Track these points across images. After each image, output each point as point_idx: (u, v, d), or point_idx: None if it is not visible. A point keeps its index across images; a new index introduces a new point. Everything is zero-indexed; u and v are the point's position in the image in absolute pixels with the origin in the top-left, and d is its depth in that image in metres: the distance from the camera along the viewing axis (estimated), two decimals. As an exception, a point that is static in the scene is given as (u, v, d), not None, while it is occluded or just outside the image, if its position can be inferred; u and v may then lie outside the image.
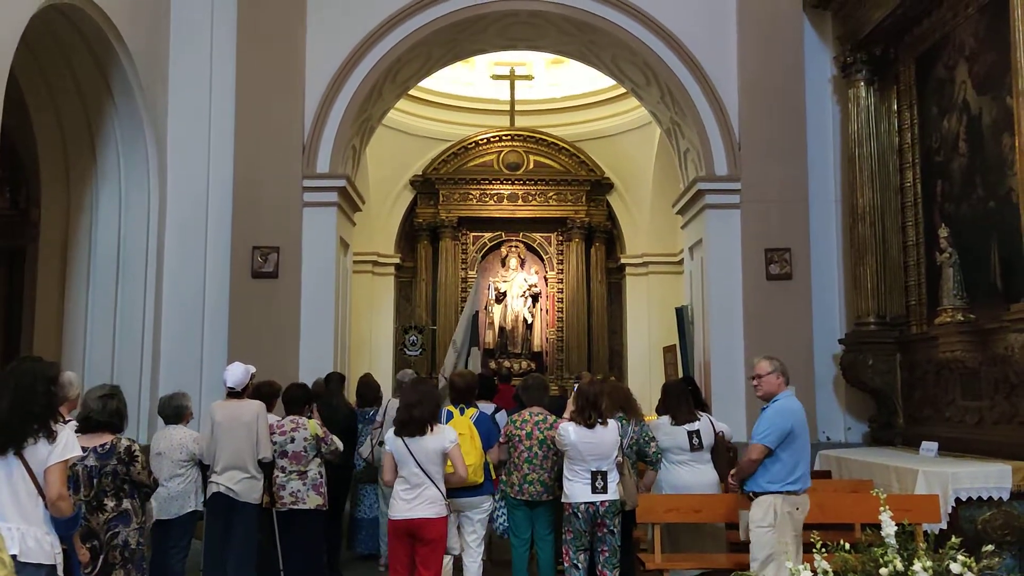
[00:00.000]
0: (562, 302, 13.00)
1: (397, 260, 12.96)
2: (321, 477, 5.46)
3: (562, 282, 13.03)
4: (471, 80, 13.00)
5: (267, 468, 5.17)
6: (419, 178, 12.81)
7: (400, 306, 13.10)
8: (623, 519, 5.11)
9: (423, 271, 12.95)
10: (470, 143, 12.69)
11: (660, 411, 6.28)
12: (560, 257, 13.09)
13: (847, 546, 2.89)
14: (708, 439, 5.59)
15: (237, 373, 5.19)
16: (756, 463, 4.51)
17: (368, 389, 7.32)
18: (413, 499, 4.51)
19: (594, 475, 4.91)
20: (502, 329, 12.87)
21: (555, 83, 13.09)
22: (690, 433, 5.57)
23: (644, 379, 12.03)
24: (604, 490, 4.90)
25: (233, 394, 5.18)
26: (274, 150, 8.07)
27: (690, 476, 5.49)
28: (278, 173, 8.05)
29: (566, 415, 5.10)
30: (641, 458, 5.45)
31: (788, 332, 8.01)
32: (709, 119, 8.32)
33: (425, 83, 12.45)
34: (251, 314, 7.90)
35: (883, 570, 2.74)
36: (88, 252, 7.60)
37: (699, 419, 5.66)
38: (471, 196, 12.80)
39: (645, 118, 12.17)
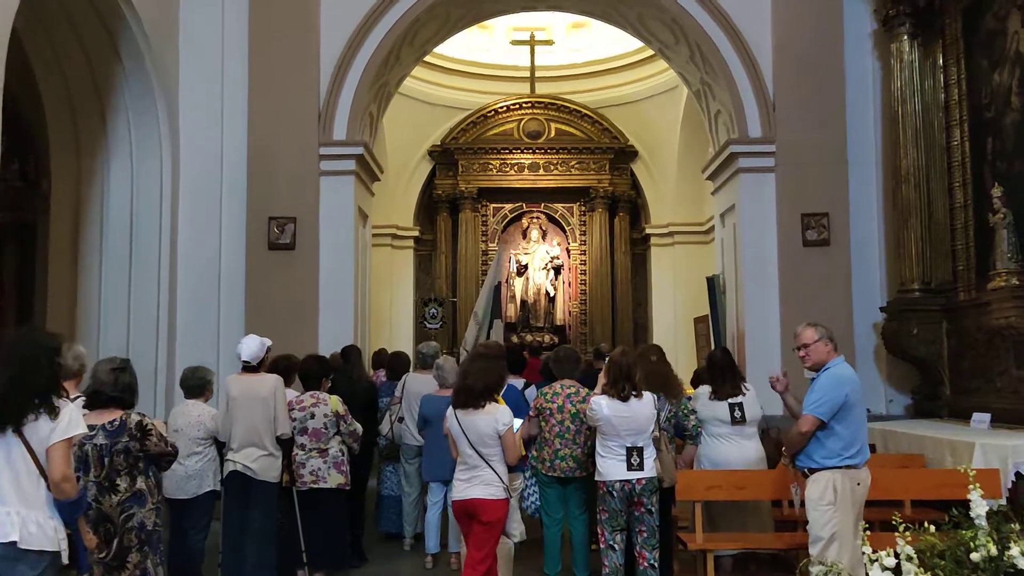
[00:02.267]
0: (585, 274, 12.69)
1: (416, 233, 12.67)
2: (343, 455, 5.21)
3: (585, 254, 12.70)
4: (490, 46, 12.61)
5: (286, 445, 4.92)
6: (437, 148, 12.48)
7: (420, 280, 12.83)
8: (661, 497, 4.83)
9: (443, 244, 12.66)
10: (489, 111, 12.34)
11: (697, 382, 6.00)
12: (583, 228, 12.75)
13: (931, 527, 2.59)
14: (752, 413, 5.28)
15: (252, 346, 4.93)
16: (806, 436, 4.20)
17: (399, 363, 7.08)
18: (468, 479, 4.26)
19: (629, 451, 4.62)
20: (524, 302, 12.58)
21: (576, 48, 12.68)
22: (732, 405, 5.27)
23: (670, 352, 11.65)
24: (640, 467, 4.61)
25: (248, 368, 4.92)
26: (289, 117, 7.78)
27: (732, 451, 5.19)
28: (294, 141, 7.76)
29: (598, 388, 4.82)
30: (679, 432, 5.16)
31: (826, 301, 7.66)
32: (742, 78, 7.93)
33: (443, 50, 12.16)
34: (268, 287, 7.65)
35: (974, 555, 2.44)
36: (100, 224, 7.35)
37: (744, 393, 5.35)
38: (491, 166, 12.47)
39: (670, 82, 11.80)
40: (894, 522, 2.65)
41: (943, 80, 7.22)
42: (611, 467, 4.64)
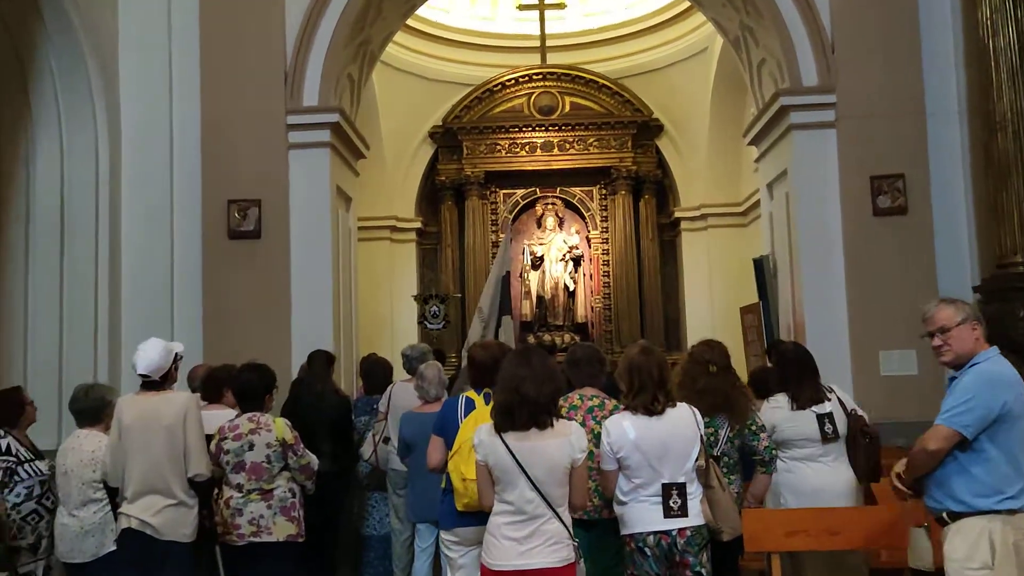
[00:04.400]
0: (608, 265, 11.32)
1: (418, 224, 11.39)
2: (293, 496, 3.90)
3: (607, 242, 11.33)
4: (493, 14, 11.32)
5: (202, 489, 3.62)
6: (439, 129, 11.19)
7: (424, 276, 11.54)
8: (717, 554, 3.48)
9: (448, 236, 11.36)
10: (495, 85, 11.02)
11: (759, 386, 4.64)
12: (604, 213, 11.39)
13: None
14: (843, 425, 3.94)
15: (151, 354, 3.64)
16: (935, 456, 2.87)
17: (376, 370, 5.77)
18: (527, 538, 2.97)
19: (666, 490, 3.28)
20: (540, 298, 11.24)
21: (591, 12, 11.36)
22: (820, 417, 3.93)
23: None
24: (682, 512, 3.26)
25: (149, 385, 3.63)
26: (250, 80, 6.54)
27: (825, 477, 3.86)
28: (256, 108, 6.52)
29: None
30: (748, 457, 3.80)
31: (905, 281, 6.33)
32: (792, 16, 6.57)
33: (443, 19, 10.95)
34: (229, 283, 6.42)
35: None
36: (25, 213, 6.13)
37: (828, 398, 4.01)
38: (499, 147, 11.15)
39: (698, 44, 10.46)
40: None
41: (1047, 2, 5.83)
42: (641, 514, 3.30)
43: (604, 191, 11.39)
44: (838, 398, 4.08)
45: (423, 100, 11.02)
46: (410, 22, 10.61)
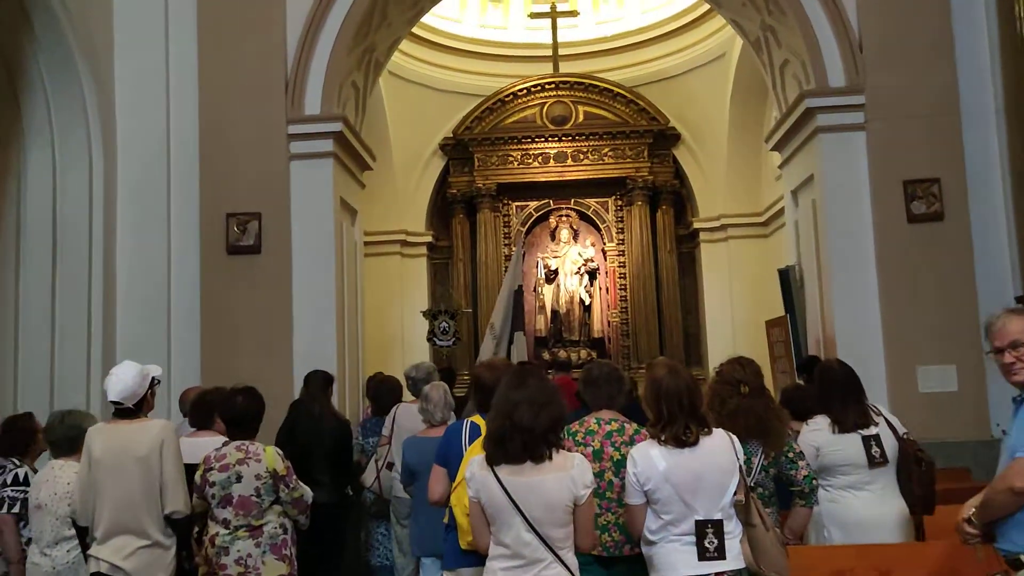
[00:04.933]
0: (625, 278, 10.95)
1: (429, 238, 11.08)
2: (285, 532, 3.57)
3: (624, 255, 10.97)
4: (505, 23, 11.06)
5: (181, 528, 3.30)
6: (450, 141, 10.91)
7: (436, 292, 11.23)
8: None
9: (460, 250, 11.04)
10: (507, 95, 10.73)
11: (793, 407, 4.27)
12: (620, 225, 11.04)
13: None
14: (893, 449, 3.57)
15: (124, 379, 3.32)
16: (1020, 498, 2.49)
17: (385, 391, 5.46)
18: None
19: (701, 528, 2.91)
20: (555, 313, 10.89)
21: (604, 20, 11.06)
22: (866, 440, 3.56)
23: (730, 366, 9.91)
24: (719, 553, 2.88)
25: (122, 412, 3.32)
26: (249, 89, 6.29)
27: (873, 507, 3.48)
28: (256, 118, 6.27)
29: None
30: (784, 488, 3.43)
31: (942, 291, 5.98)
32: (817, 13, 6.26)
33: (452, 28, 10.70)
34: (228, 301, 6.15)
35: None
36: (15, 228, 5.89)
37: (875, 421, 3.64)
38: (511, 158, 10.84)
39: (715, 50, 10.14)
40: None
41: (1091, -7, 5.48)
42: (672, 556, 2.92)
43: (620, 202, 11.05)
44: (887, 420, 3.71)
45: (433, 111, 10.76)
46: (419, 32, 10.41)
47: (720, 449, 3.00)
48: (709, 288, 10.81)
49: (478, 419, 3.38)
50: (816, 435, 3.64)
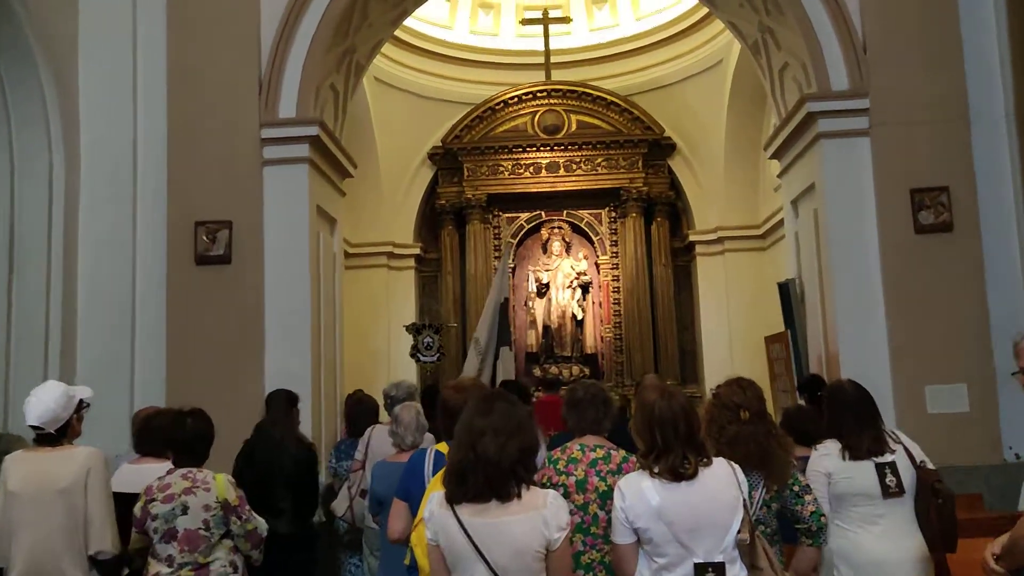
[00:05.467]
0: (618, 292, 10.62)
1: (417, 251, 10.75)
2: (235, 570, 3.21)
3: (617, 268, 10.64)
4: (496, 29, 10.77)
5: (107, 570, 2.94)
6: (439, 150, 10.60)
7: (425, 305, 10.88)
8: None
9: (448, 262, 10.71)
10: (498, 104, 10.43)
11: (796, 431, 3.92)
12: (614, 238, 10.72)
13: None
14: (910, 478, 3.23)
15: (45, 400, 2.99)
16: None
17: (360, 411, 5.12)
18: None
19: (700, 572, 2.57)
20: (547, 328, 10.53)
21: (597, 27, 10.78)
22: (880, 467, 3.22)
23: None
24: (720, 600, 2.56)
25: (43, 439, 2.97)
26: (221, 90, 5.97)
27: (887, 543, 3.13)
28: (227, 121, 5.94)
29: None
30: (787, 525, 3.08)
31: (951, 306, 5.67)
32: (819, 13, 5.96)
33: (442, 35, 10.43)
34: (195, 314, 5.79)
35: None
36: (-31, 237, 5.54)
37: (892, 448, 3.30)
38: (502, 168, 10.53)
39: (712, 57, 9.87)
40: None
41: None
42: (668, 604, 2.59)
43: (613, 214, 10.73)
44: (904, 447, 3.36)
45: (421, 120, 10.45)
46: (407, 38, 10.14)
47: (721, 481, 2.67)
48: (705, 303, 10.48)
49: (443, 447, 3.03)
50: (826, 461, 3.29)
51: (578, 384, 3.49)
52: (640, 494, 2.61)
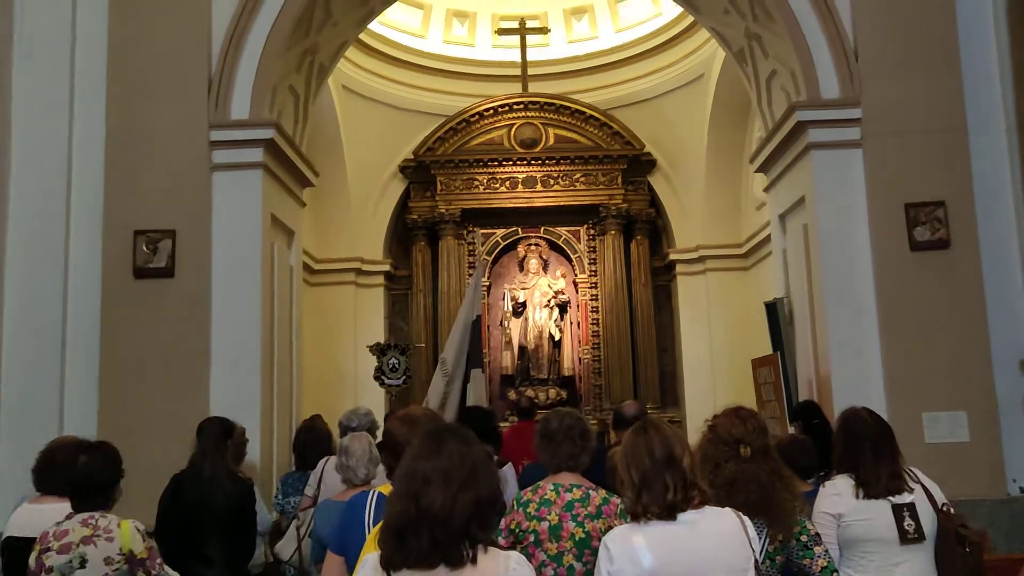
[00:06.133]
0: (597, 312, 10.21)
1: (387, 267, 10.29)
2: (141, 633, 2.72)
3: (596, 287, 10.25)
4: (471, 39, 10.41)
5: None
6: (410, 163, 10.18)
7: (395, 325, 10.42)
8: None
9: (420, 280, 10.26)
10: (472, 115, 10.05)
11: (794, 462, 3.49)
12: (592, 256, 10.33)
13: None
14: (930, 523, 2.83)
15: None
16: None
17: (311, 440, 4.64)
18: None
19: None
20: (523, 349, 10.09)
21: (576, 38, 10.45)
22: (898, 509, 2.82)
23: (707, 411, 9.10)
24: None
25: None
26: (167, 88, 5.51)
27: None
28: (173, 122, 5.48)
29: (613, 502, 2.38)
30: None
31: (950, 327, 5.32)
32: (809, 19, 5.64)
33: (415, 44, 10.06)
34: (133, 332, 5.29)
35: None
36: None
37: (910, 485, 2.91)
38: (476, 182, 10.12)
39: (693, 71, 9.57)
40: None
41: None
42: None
43: (592, 231, 10.35)
44: (924, 487, 2.96)
45: (393, 131, 10.03)
46: (379, 46, 9.75)
47: (727, 536, 2.23)
48: (686, 324, 10.10)
49: (387, 488, 2.58)
50: (836, 501, 2.88)
51: (552, 413, 3.06)
52: (630, 554, 2.16)
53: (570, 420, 2.97)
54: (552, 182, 10.14)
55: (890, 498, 2.82)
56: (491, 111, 10.09)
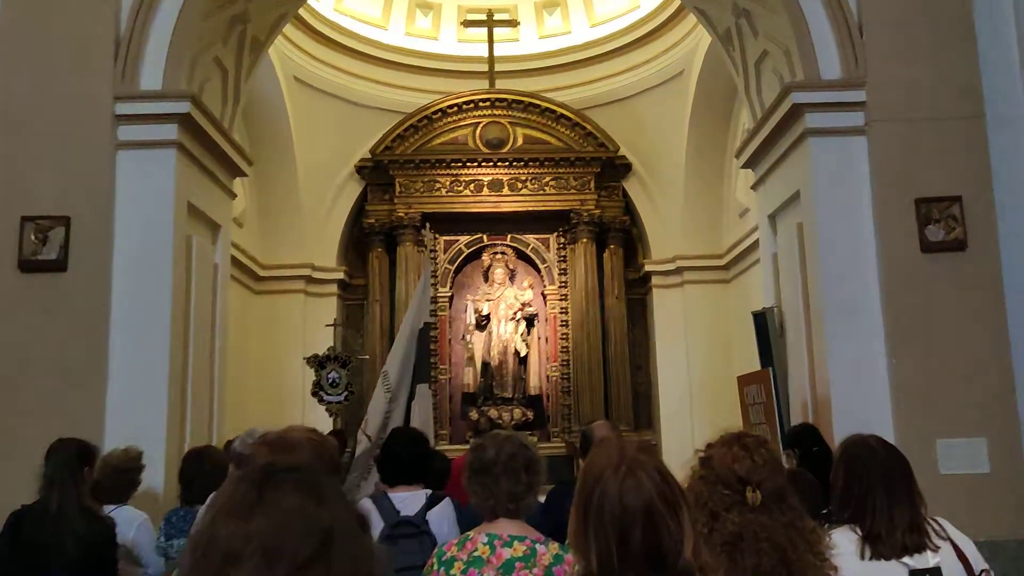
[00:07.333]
0: (567, 326, 9.48)
1: (341, 275, 9.51)
2: None
3: (566, 299, 9.52)
4: (436, 32, 9.73)
5: None
6: (368, 162, 9.42)
7: (348, 337, 9.60)
8: None
9: (376, 289, 9.46)
10: (435, 112, 9.32)
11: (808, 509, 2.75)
12: (563, 266, 9.61)
13: None
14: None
15: None
16: None
17: (199, 471, 3.83)
18: None
19: None
20: (486, 365, 9.32)
21: (548, 33, 9.80)
22: (916, 575, 2.09)
23: (685, 434, 8.46)
24: None
25: None
26: (64, 53, 4.73)
27: None
28: (70, 91, 4.70)
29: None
30: None
31: (966, 340, 4.66)
32: (805, -10, 4.97)
33: (375, 35, 9.37)
34: (16, 333, 4.47)
35: None
36: None
37: (934, 543, 2.17)
38: (439, 185, 9.39)
39: (672, 68, 8.96)
40: None
41: None
42: None
43: (563, 239, 9.64)
44: (953, 544, 2.23)
45: (349, 128, 9.29)
46: (335, 35, 9.04)
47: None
48: (662, 340, 9.41)
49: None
50: (836, 562, 2.14)
51: (488, 438, 2.29)
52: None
53: (511, 447, 2.20)
54: (520, 186, 9.43)
55: (906, 559, 2.10)
56: (455, 108, 9.38)
